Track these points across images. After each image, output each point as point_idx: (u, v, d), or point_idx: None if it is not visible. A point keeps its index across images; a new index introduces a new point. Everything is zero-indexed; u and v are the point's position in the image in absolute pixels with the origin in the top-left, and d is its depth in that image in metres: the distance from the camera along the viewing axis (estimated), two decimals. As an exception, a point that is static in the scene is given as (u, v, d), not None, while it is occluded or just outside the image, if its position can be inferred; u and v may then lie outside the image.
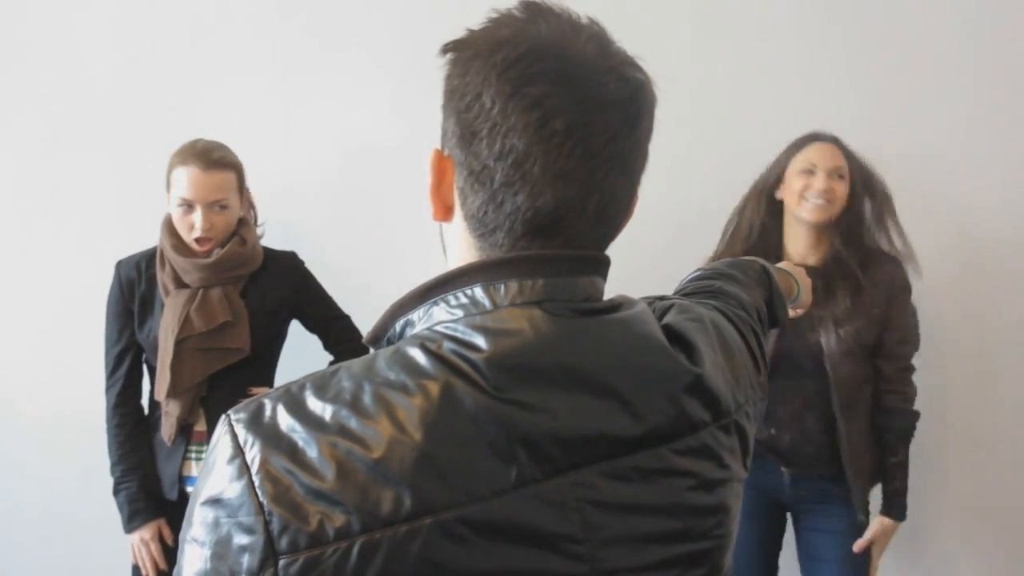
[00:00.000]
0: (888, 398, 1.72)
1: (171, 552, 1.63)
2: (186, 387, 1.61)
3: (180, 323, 1.58)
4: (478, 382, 0.52)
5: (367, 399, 0.52)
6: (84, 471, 1.95)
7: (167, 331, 1.59)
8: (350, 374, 0.54)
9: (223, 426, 0.53)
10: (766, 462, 1.73)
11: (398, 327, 0.60)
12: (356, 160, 2.00)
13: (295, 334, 1.80)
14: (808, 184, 1.66)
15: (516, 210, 0.57)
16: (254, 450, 0.51)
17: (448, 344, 0.54)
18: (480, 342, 0.54)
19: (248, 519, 0.49)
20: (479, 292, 0.57)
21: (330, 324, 1.83)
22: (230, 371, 1.64)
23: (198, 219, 1.60)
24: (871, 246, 1.74)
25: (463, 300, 0.57)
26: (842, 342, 1.65)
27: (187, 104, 1.96)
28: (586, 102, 0.55)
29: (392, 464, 0.50)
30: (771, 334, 1.59)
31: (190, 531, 0.52)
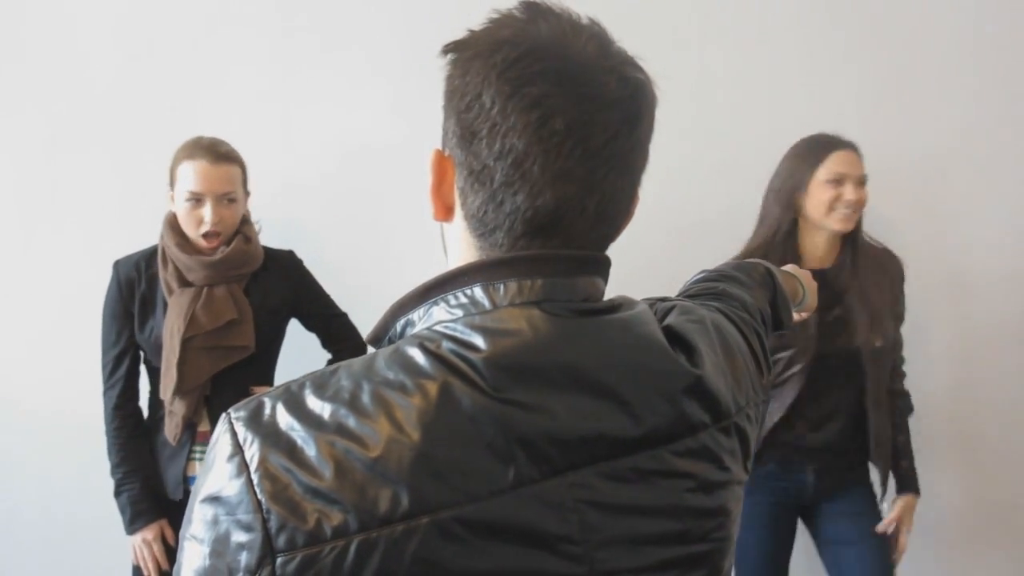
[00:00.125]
0: (896, 383, 1.79)
1: (173, 552, 1.62)
2: (192, 386, 1.60)
3: (186, 321, 1.57)
4: (476, 382, 0.52)
5: (366, 398, 0.52)
6: (84, 471, 1.94)
7: (172, 330, 1.58)
8: (349, 373, 0.54)
9: (223, 424, 0.53)
10: (790, 463, 1.71)
11: (399, 327, 0.60)
12: (355, 160, 1.99)
13: (293, 333, 1.80)
14: (838, 195, 1.64)
15: (516, 210, 0.56)
16: (253, 448, 0.51)
17: (447, 344, 0.54)
18: (479, 342, 0.54)
19: (246, 517, 0.49)
20: (478, 292, 0.57)
21: (328, 322, 1.83)
22: (233, 370, 1.64)
23: (208, 213, 1.58)
24: (868, 241, 1.77)
25: (462, 300, 0.57)
26: (880, 340, 1.68)
27: (187, 103, 1.95)
28: (586, 102, 0.55)
29: (390, 463, 0.50)
30: (802, 338, 1.60)
31: (189, 528, 0.52)
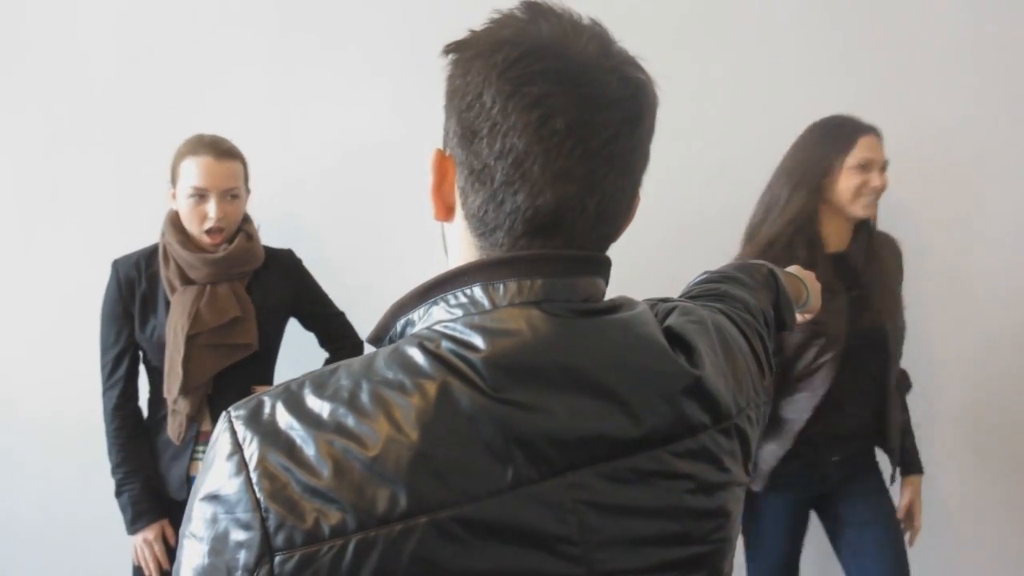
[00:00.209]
0: (898, 365, 1.81)
1: (174, 552, 1.61)
2: (197, 384, 1.59)
3: (190, 319, 1.56)
4: (476, 382, 0.52)
5: (365, 398, 0.52)
6: (84, 471, 1.94)
7: (176, 328, 1.57)
8: (349, 372, 0.54)
9: (223, 423, 0.53)
10: (816, 454, 1.67)
11: (399, 326, 0.60)
12: (355, 159, 1.99)
13: (291, 332, 1.80)
14: (865, 181, 1.61)
15: (516, 209, 0.56)
16: (252, 447, 0.51)
17: (446, 343, 0.54)
18: (478, 342, 0.54)
19: (245, 515, 0.49)
20: (478, 292, 0.57)
21: (327, 321, 1.83)
22: (235, 369, 1.63)
23: (212, 208, 1.58)
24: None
25: (462, 300, 0.57)
26: (902, 321, 1.69)
27: (187, 103, 1.95)
28: (586, 102, 0.55)
29: (388, 463, 0.50)
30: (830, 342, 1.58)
31: (189, 526, 0.53)
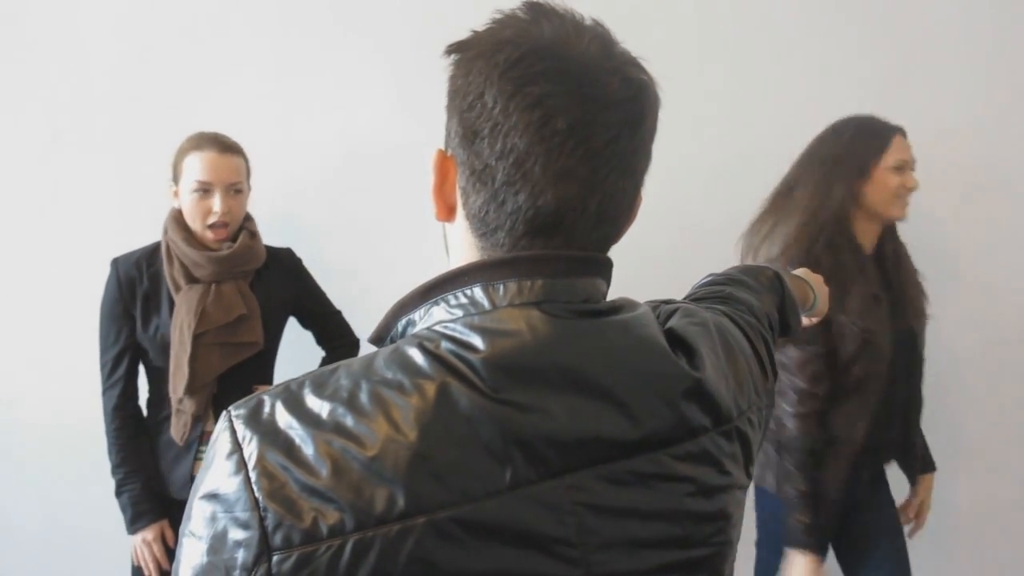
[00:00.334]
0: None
1: (174, 553, 1.61)
2: (203, 383, 1.59)
3: (197, 318, 1.56)
4: (475, 382, 0.52)
5: (364, 397, 0.52)
6: (84, 471, 1.93)
7: (182, 327, 1.57)
8: (349, 372, 0.54)
9: (223, 422, 0.54)
10: (851, 471, 1.59)
11: (400, 326, 0.60)
12: (356, 159, 1.99)
13: (289, 331, 1.80)
14: (903, 183, 1.59)
15: (517, 209, 0.56)
16: (252, 446, 0.51)
17: (446, 344, 0.54)
18: (477, 342, 0.54)
19: (244, 514, 0.50)
20: (478, 292, 0.56)
21: (325, 320, 1.84)
22: (239, 368, 1.63)
23: (217, 203, 1.58)
24: None
25: (462, 300, 0.57)
26: (927, 317, 1.69)
27: (187, 103, 1.95)
28: (588, 102, 0.55)
29: (386, 463, 0.50)
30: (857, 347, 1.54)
31: (188, 525, 0.53)
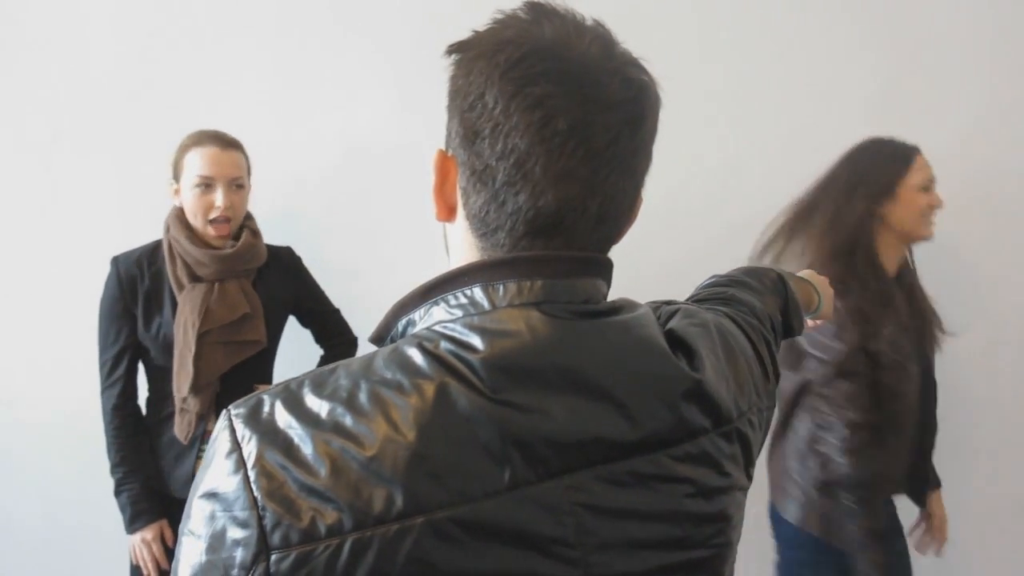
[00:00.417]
0: None
1: (173, 552, 1.60)
2: (208, 381, 1.59)
3: (201, 316, 1.56)
4: (474, 383, 0.52)
5: (363, 397, 0.52)
6: (83, 471, 1.93)
7: (186, 325, 1.57)
8: (348, 372, 0.54)
9: (223, 420, 0.54)
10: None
11: (400, 326, 0.60)
12: (357, 159, 1.99)
13: (288, 330, 1.80)
14: (929, 201, 1.59)
15: (518, 210, 0.56)
16: (251, 445, 0.51)
17: (445, 344, 0.54)
18: (477, 343, 0.54)
19: (243, 514, 0.50)
20: (478, 292, 0.56)
21: (324, 319, 1.84)
22: (241, 367, 1.64)
23: (219, 197, 1.58)
24: None
25: (462, 300, 0.57)
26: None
27: (187, 103, 1.95)
28: (588, 102, 0.55)
29: (385, 463, 0.50)
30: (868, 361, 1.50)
31: (188, 524, 0.53)
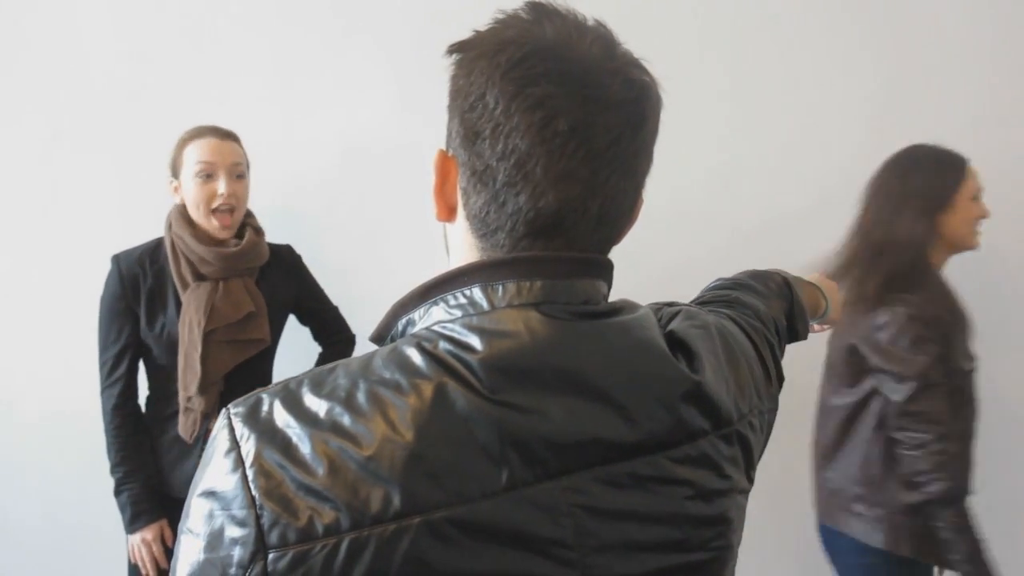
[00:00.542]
0: None
1: (172, 552, 1.61)
2: (214, 380, 1.59)
3: (206, 315, 1.56)
4: (472, 383, 0.52)
5: (361, 397, 0.52)
6: (83, 471, 1.94)
7: (192, 324, 1.57)
8: (347, 372, 0.54)
9: (223, 419, 0.54)
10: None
11: (400, 326, 0.60)
12: (357, 159, 1.99)
13: (287, 328, 1.81)
14: (980, 212, 1.59)
15: (518, 211, 0.56)
16: (249, 444, 0.51)
17: (444, 344, 0.54)
18: (475, 343, 0.54)
19: (241, 512, 0.50)
20: (477, 293, 0.56)
21: (324, 317, 1.85)
22: (244, 365, 1.64)
23: (222, 185, 1.57)
24: None
25: (461, 300, 0.57)
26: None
27: (187, 102, 1.95)
28: (589, 103, 0.55)
29: (382, 463, 0.50)
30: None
31: (187, 522, 0.53)
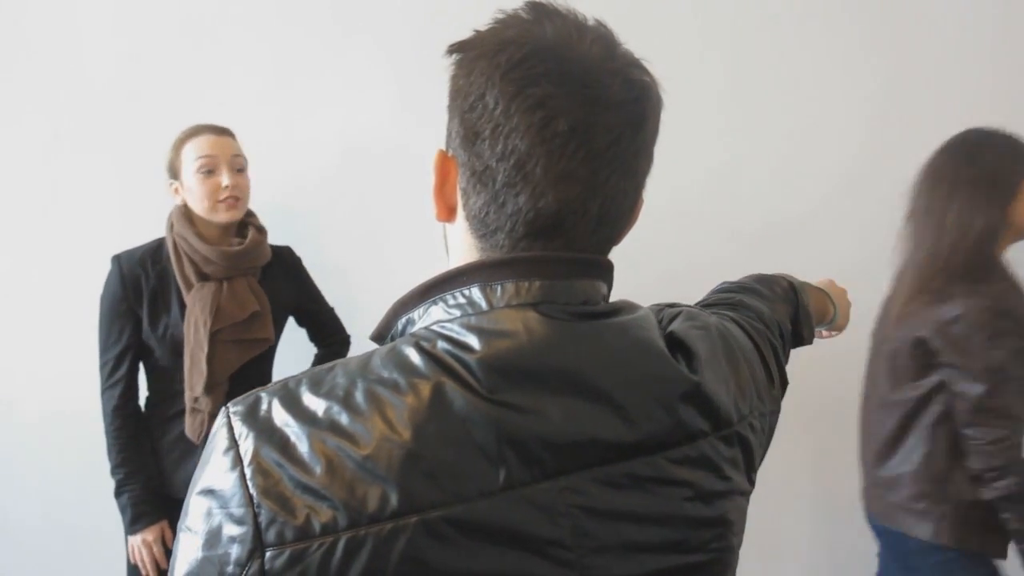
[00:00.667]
0: None
1: None
2: (221, 379, 1.59)
3: (212, 315, 1.56)
4: (470, 383, 0.52)
5: (359, 396, 0.52)
6: (83, 472, 1.94)
7: (197, 324, 1.57)
8: (346, 371, 0.54)
9: (222, 418, 0.54)
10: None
11: (400, 325, 0.60)
12: (357, 160, 1.99)
13: (286, 328, 1.81)
14: None
15: (517, 211, 0.56)
16: (248, 442, 0.51)
17: (442, 344, 0.54)
18: (473, 343, 0.54)
19: (239, 510, 0.50)
20: (476, 293, 0.56)
21: (322, 318, 1.85)
22: (248, 365, 1.64)
23: (225, 178, 1.58)
24: None
25: (460, 300, 0.57)
26: None
27: (187, 103, 1.96)
28: (589, 103, 0.55)
29: (380, 462, 0.50)
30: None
31: (185, 520, 0.53)
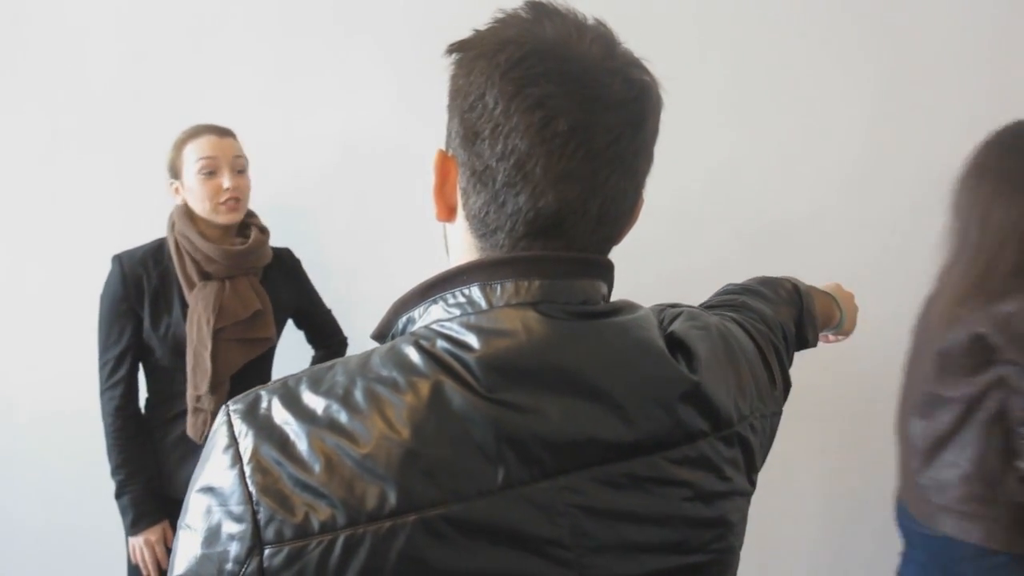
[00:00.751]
0: None
1: None
2: (224, 378, 1.60)
3: (215, 313, 1.56)
4: (469, 382, 0.52)
5: (358, 395, 0.52)
6: (84, 472, 1.94)
7: (201, 323, 1.57)
8: (345, 370, 0.55)
9: (222, 416, 0.54)
10: None
11: (400, 324, 0.60)
12: (357, 160, 1.99)
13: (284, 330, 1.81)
14: None
15: (517, 211, 0.56)
16: (247, 440, 0.52)
17: (441, 343, 0.54)
18: (473, 342, 0.54)
19: (238, 508, 0.50)
20: (476, 292, 0.56)
21: (320, 320, 1.86)
22: (250, 365, 1.64)
23: (226, 180, 1.58)
24: None
25: (460, 299, 0.57)
26: None
27: (188, 103, 1.96)
28: (589, 103, 0.55)
29: (379, 460, 0.50)
30: None
31: (185, 518, 0.53)
